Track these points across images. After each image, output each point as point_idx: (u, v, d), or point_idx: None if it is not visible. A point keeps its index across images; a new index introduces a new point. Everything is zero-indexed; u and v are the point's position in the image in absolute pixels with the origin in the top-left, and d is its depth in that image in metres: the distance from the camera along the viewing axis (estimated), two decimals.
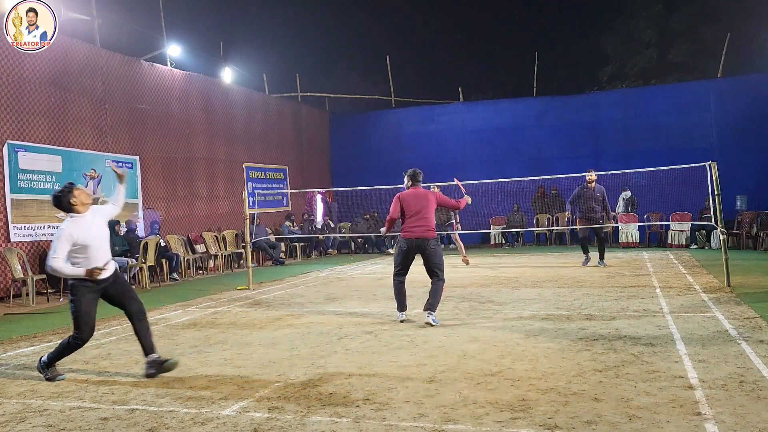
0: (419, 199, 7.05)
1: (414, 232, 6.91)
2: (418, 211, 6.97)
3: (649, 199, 17.09)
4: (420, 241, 6.90)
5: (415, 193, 7.13)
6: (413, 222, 6.93)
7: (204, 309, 8.66)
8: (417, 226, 6.92)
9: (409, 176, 7.25)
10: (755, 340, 5.37)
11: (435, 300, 6.86)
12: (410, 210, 7.00)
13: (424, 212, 6.97)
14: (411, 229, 6.93)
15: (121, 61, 13.37)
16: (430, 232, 6.94)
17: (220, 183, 16.07)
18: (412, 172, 7.24)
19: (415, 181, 7.24)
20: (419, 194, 7.10)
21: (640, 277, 10.19)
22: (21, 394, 4.69)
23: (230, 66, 17.45)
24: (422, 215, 6.96)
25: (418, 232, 6.91)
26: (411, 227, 6.93)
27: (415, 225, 6.92)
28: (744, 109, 17.02)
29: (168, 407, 4.22)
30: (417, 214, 6.95)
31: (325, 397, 4.27)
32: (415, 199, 7.04)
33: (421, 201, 7.03)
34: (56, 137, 11.51)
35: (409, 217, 6.97)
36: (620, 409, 3.78)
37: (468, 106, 20.67)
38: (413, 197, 7.07)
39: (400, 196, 7.13)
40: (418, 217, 6.94)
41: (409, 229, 6.94)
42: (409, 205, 7.02)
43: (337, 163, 21.59)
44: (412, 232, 6.91)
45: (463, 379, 4.56)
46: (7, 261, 10.06)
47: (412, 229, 6.92)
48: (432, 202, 7.07)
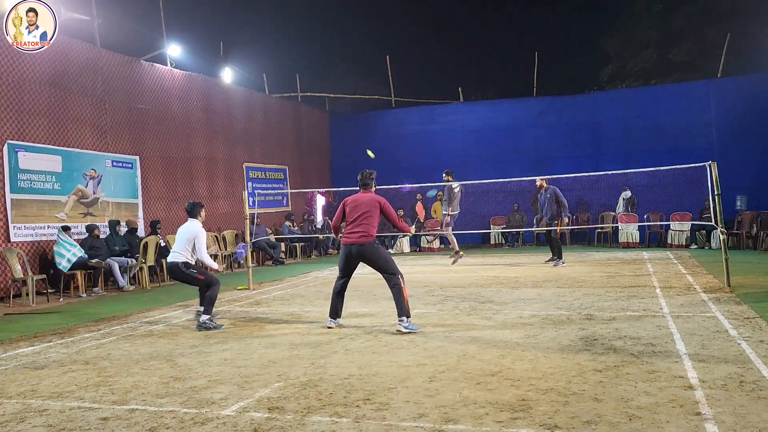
0: (362, 204, 6.78)
1: (350, 237, 6.70)
2: (357, 216, 6.72)
3: (649, 199, 17.09)
4: (356, 247, 6.67)
5: (359, 198, 6.86)
6: (351, 227, 6.73)
7: None
8: (354, 232, 6.69)
9: (359, 179, 6.99)
10: (755, 340, 5.37)
11: (400, 305, 6.48)
12: (351, 215, 6.79)
13: (363, 218, 6.70)
14: (348, 234, 6.73)
15: (121, 61, 13.37)
16: (365, 238, 6.65)
17: (220, 183, 16.07)
18: (360, 175, 6.96)
19: (363, 184, 6.95)
20: (364, 200, 6.82)
21: (640, 277, 10.19)
22: (21, 394, 4.69)
23: (230, 66, 17.46)
24: (360, 221, 6.69)
25: (353, 237, 6.67)
26: (349, 232, 6.73)
27: (352, 230, 6.71)
28: (744, 109, 17.03)
29: (168, 407, 4.22)
30: (356, 219, 6.72)
31: (325, 397, 4.27)
32: (358, 205, 6.79)
33: (362, 207, 6.75)
34: (56, 137, 11.51)
35: (349, 222, 6.78)
36: (620, 409, 3.77)
37: (468, 106, 20.68)
38: (356, 202, 6.82)
39: (345, 200, 6.91)
40: (356, 223, 6.71)
41: (346, 235, 6.75)
42: (351, 210, 6.81)
43: (337, 163, 21.59)
44: (348, 237, 6.71)
45: (463, 379, 4.56)
46: (7, 261, 10.06)
47: (349, 235, 6.72)
48: (375, 209, 6.75)
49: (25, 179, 10.80)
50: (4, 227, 10.38)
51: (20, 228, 10.64)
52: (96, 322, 7.92)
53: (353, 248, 6.70)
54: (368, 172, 6.96)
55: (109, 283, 11.59)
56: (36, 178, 11.01)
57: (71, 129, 11.87)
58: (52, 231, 11.01)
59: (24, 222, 10.71)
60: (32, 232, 10.86)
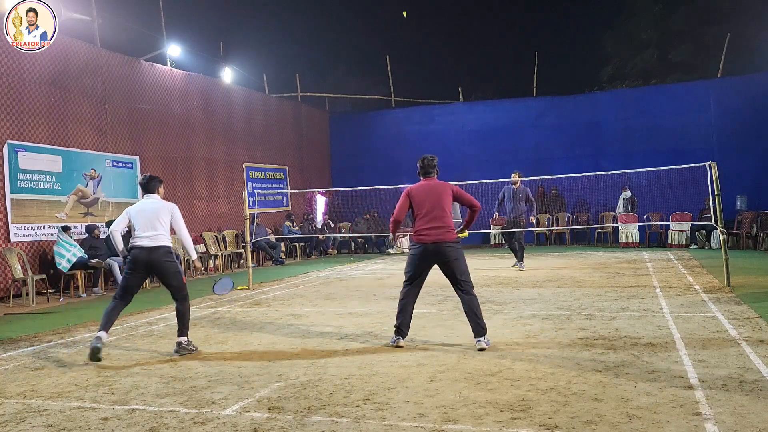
0: (434, 194, 5.83)
1: (429, 234, 5.71)
2: (431, 208, 5.77)
3: (649, 199, 17.10)
4: (438, 246, 5.70)
5: (427, 186, 5.90)
6: (425, 222, 5.76)
7: (204, 309, 8.66)
8: (432, 228, 5.72)
9: (420, 165, 6.01)
10: (755, 340, 5.37)
11: (480, 319, 5.64)
12: (420, 207, 5.80)
13: (438, 210, 5.76)
14: (425, 231, 5.73)
15: (121, 61, 13.37)
16: (449, 234, 5.73)
17: (220, 183, 16.07)
18: (422, 161, 6.01)
19: (426, 172, 5.97)
20: (434, 188, 5.87)
21: (640, 277, 10.18)
22: (21, 394, 4.69)
23: (230, 66, 17.46)
24: (436, 214, 5.75)
25: (433, 234, 5.71)
26: (425, 229, 5.74)
27: (428, 226, 5.73)
28: (744, 109, 17.03)
29: (168, 407, 4.22)
30: (430, 212, 5.76)
31: (325, 397, 4.27)
32: (430, 194, 5.83)
33: (434, 197, 5.81)
34: (56, 137, 11.51)
35: (420, 216, 5.79)
36: (620, 409, 3.77)
37: (468, 106, 20.68)
38: (425, 192, 5.86)
39: (410, 190, 5.92)
40: (431, 217, 5.74)
41: (422, 232, 5.74)
42: (420, 202, 5.82)
43: (337, 163, 21.59)
44: (427, 235, 5.72)
45: (463, 379, 4.56)
46: (7, 261, 10.06)
47: (427, 232, 5.72)
48: (449, 197, 5.84)
49: (25, 179, 10.80)
50: (4, 227, 10.37)
51: (20, 228, 10.64)
52: (96, 322, 7.89)
53: (432, 247, 5.70)
54: (431, 157, 6.00)
55: (109, 283, 11.59)
56: (36, 178, 11.00)
57: (71, 129, 11.87)
58: (52, 231, 11.01)
59: (24, 222, 10.71)
60: (32, 232, 10.86)
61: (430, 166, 5.97)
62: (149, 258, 5.82)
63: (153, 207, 6.06)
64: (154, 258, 5.82)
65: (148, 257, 5.82)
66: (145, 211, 6.00)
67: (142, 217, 5.97)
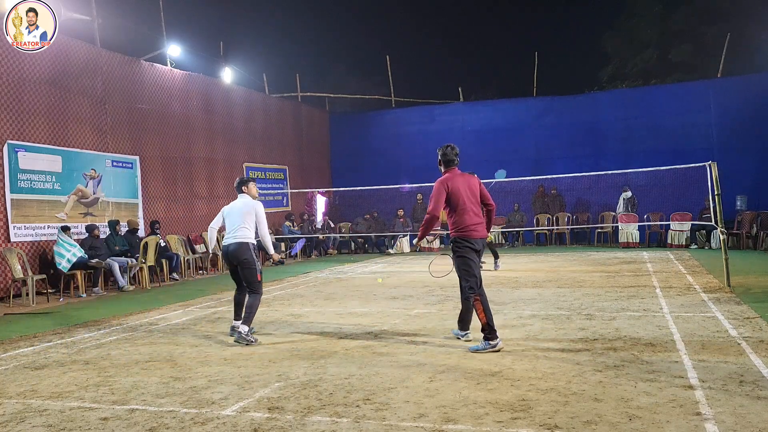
0: (473, 186, 5.60)
1: (478, 230, 5.53)
2: (472, 202, 5.55)
3: (649, 199, 17.09)
4: (483, 242, 5.64)
5: (463, 178, 5.64)
6: (471, 217, 5.52)
7: (204, 309, 8.66)
8: (480, 223, 5.56)
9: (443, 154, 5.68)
10: (755, 340, 5.37)
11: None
12: (459, 201, 5.49)
13: (476, 204, 5.60)
14: (475, 226, 5.53)
15: (121, 61, 13.37)
16: (486, 230, 5.67)
17: (220, 183, 16.06)
18: (445, 150, 5.68)
19: (450, 161, 5.67)
20: (471, 181, 5.65)
21: (640, 277, 10.18)
22: (21, 394, 4.69)
23: (230, 66, 17.46)
24: (477, 208, 5.60)
25: (482, 230, 5.56)
26: (475, 224, 5.53)
27: (477, 222, 5.55)
28: (744, 109, 17.03)
29: (168, 407, 4.22)
30: (472, 206, 5.54)
31: (325, 397, 4.27)
32: (470, 186, 5.58)
33: (473, 189, 5.58)
34: (56, 137, 11.51)
35: (464, 211, 5.51)
36: (620, 409, 3.77)
37: (468, 106, 20.68)
38: (463, 183, 5.56)
39: (445, 181, 5.55)
40: (476, 212, 5.55)
41: (472, 227, 5.51)
42: (459, 195, 5.49)
43: (337, 163, 21.59)
44: (477, 230, 5.52)
45: (463, 379, 4.56)
46: (7, 261, 10.06)
47: (476, 227, 5.53)
48: (478, 190, 5.67)
49: (25, 179, 10.80)
50: (4, 227, 10.37)
51: (20, 228, 10.63)
52: (96, 322, 7.92)
53: (481, 243, 5.61)
54: (453, 146, 5.73)
55: (109, 283, 11.59)
56: (36, 178, 11.00)
57: (71, 129, 11.87)
58: (52, 231, 11.01)
59: (24, 222, 10.71)
60: (32, 232, 10.86)
61: (454, 154, 5.69)
62: (231, 254, 6.40)
63: (239, 206, 6.57)
64: (234, 254, 6.38)
65: (230, 253, 6.41)
66: (233, 210, 6.58)
67: (229, 216, 6.57)
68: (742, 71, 18.79)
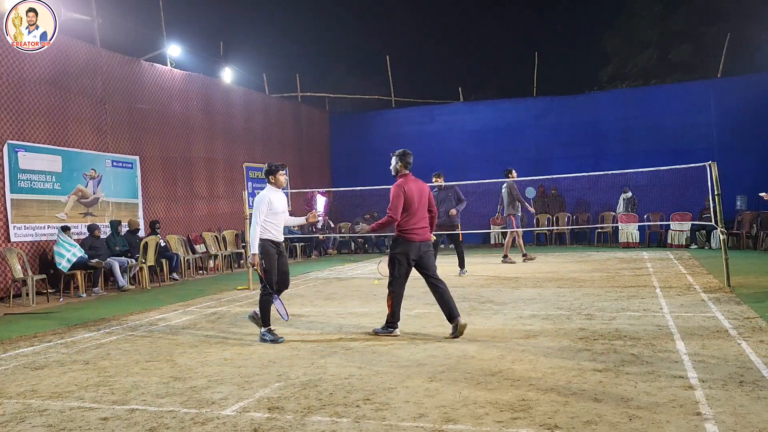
0: (424, 192, 6.16)
1: (419, 234, 6.09)
2: (421, 206, 6.11)
3: (649, 199, 17.09)
4: (427, 245, 6.15)
5: (418, 183, 6.20)
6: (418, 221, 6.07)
7: (204, 309, 8.66)
8: (424, 228, 6.12)
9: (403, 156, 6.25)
10: (755, 340, 5.37)
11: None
12: (414, 205, 6.04)
13: (424, 209, 6.16)
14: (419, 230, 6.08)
15: (121, 61, 13.37)
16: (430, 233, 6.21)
17: (220, 183, 16.07)
18: (405, 153, 6.27)
19: (409, 163, 6.26)
20: (423, 187, 6.20)
21: (640, 277, 10.18)
22: (21, 394, 4.69)
23: (230, 66, 17.46)
24: (425, 212, 6.15)
25: (423, 234, 6.10)
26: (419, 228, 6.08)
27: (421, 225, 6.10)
28: (744, 109, 17.03)
29: (168, 407, 4.22)
30: (420, 210, 6.10)
31: (325, 397, 4.27)
32: (422, 192, 6.13)
33: (424, 194, 6.14)
34: (56, 137, 11.51)
35: (413, 214, 6.05)
36: (620, 409, 3.77)
37: (468, 106, 20.68)
38: (417, 189, 6.11)
39: (404, 186, 6.11)
40: (422, 215, 6.11)
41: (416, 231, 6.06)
42: (413, 199, 6.03)
43: (337, 163, 21.59)
44: (418, 234, 6.07)
45: (463, 379, 4.56)
46: (7, 261, 10.06)
47: (420, 231, 6.08)
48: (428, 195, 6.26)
49: (25, 179, 10.80)
50: (4, 227, 10.37)
51: (20, 228, 10.64)
52: (96, 322, 7.92)
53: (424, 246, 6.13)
54: (409, 152, 6.29)
55: (109, 283, 11.59)
56: (36, 178, 11.00)
57: (71, 129, 11.87)
58: (52, 231, 11.01)
59: (24, 222, 10.71)
60: (32, 232, 10.86)
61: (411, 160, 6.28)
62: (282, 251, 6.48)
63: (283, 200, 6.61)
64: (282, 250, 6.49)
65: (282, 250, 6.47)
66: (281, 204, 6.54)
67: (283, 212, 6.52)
68: (742, 71, 18.79)
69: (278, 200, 6.38)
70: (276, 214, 6.30)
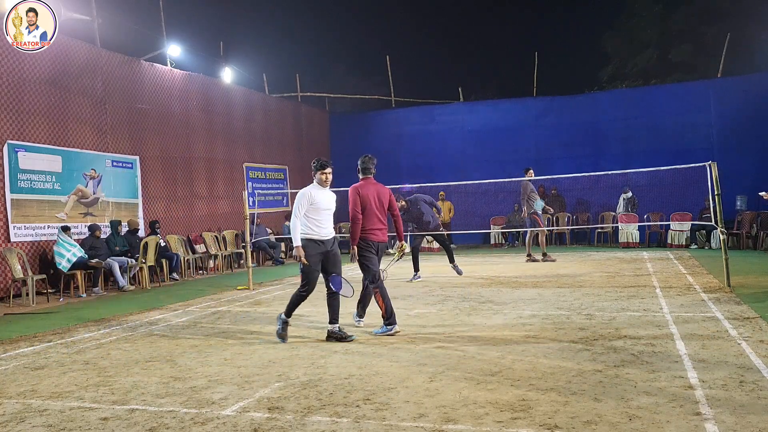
0: (383, 195, 6.63)
1: (377, 235, 6.54)
2: (381, 208, 6.57)
3: (649, 199, 17.08)
4: (384, 245, 6.65)
5: (376, 187, 6.67)
6: (377, 222, 6.53)
7: (204, 309, 8.66)
8: (381, 228, 6.57)
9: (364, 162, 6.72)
10: (755, 340, 5.37)
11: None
12: (372, 206, 6.50)
13: (383, 212, 6.61)
14: (377, 230, 6.54)
15: (121, 61, 13.37)
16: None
17: (220, 183, 16.06)
18: (365, 160, 6.73)
19: (367, 169, 6.73)
20: (382, 190, 6.66)
21: (640, 277, 10.18)
22: (21, 394, 4.69)
23: (230, 66, 17.45)
24: (383, 215, 6.60)
25: (381, 235, 6.57)
26: (377, 229, 6.53)
27: (380, 227, 6.55)
28: (744, 109, 17.02)
29: (168, 407, 4.22)
30: (380, 212, 6.56)
31: (325, 397, 4.27)
32: (380, 195, 6.61)
33: (383, 198, 6.61)
34: (56, 137, 11.51)
35: (371, 215, 6.51)
36: (620, 409, 3.78)
37: (468, 106, 20.67)
38: (375, 193, 6.60)
39: (360, 189, 6.58)
40: (381, 218, 6.57)
41: (374, 231, 6.52)
42: (370, 201, 6.50)
43: (337, 163, 21.43)
44: (376, 234, 6.53)
45: (463, 379, 4.56)
46: (7, 261, 10.06)
47: (377, 231, 6.54)
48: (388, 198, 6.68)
49: (25, 179, 10.80)
50: (4, 227, 10.37)
51: (20, 228, 10.64)
52: (96, 322, 7.92)
53: (381, 246, 6.62)
54: (371, 157, 6.76)
55: (109, 283, 11.59)
56: (36, 178, 11.00)
57: (71, 129, 11.87)
58: (52, 231, 11.01)
59: (24, 222, 10.71)
60: (32, 232, 10.86)
61: (372, 164, 6.67)
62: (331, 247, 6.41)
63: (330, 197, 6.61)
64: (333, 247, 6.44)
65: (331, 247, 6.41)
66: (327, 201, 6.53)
67: (327, 209, 6.48)
68: (742, 71, 18.78)
69: (321, 197, 6.24)
70: (318, 211, 6.17)
